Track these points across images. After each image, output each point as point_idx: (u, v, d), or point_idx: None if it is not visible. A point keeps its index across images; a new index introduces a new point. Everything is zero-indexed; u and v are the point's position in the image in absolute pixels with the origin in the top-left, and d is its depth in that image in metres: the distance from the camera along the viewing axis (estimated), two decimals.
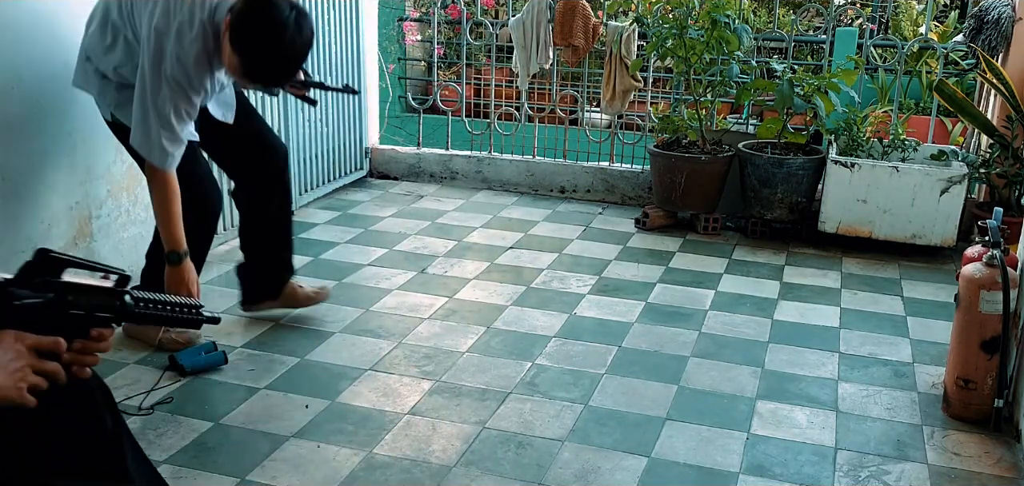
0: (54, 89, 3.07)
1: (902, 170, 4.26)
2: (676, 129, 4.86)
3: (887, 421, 2.77)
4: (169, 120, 2.63)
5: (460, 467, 2.44)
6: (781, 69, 4.71)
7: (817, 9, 6.41)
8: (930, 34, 5.81)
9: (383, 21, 6.24)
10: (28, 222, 3.04)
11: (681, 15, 4.54)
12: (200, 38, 2.61)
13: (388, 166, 5.67)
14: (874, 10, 8.15)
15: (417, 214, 4.86)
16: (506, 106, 5.63)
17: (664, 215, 4.75)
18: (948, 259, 4.37)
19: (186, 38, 2.60)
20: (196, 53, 2.61)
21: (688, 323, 3.47)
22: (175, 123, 2.65)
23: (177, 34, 2.60)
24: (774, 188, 4.46)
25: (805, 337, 3.38)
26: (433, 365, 3.04)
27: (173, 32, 2.60)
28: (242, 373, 2.94)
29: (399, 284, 3.79)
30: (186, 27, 2.61)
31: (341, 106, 5.24)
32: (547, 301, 3.65)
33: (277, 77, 2.72)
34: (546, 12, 5.11)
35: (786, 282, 3.98)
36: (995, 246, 2.67)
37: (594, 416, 2.73)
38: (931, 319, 3.61)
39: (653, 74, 5.39)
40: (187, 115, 2.68)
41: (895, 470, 2.50)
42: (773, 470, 2.48)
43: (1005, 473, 2.50)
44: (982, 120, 4.46)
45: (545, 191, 5.42)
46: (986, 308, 2.67)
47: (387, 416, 2.69)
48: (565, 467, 2.45)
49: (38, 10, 2.98)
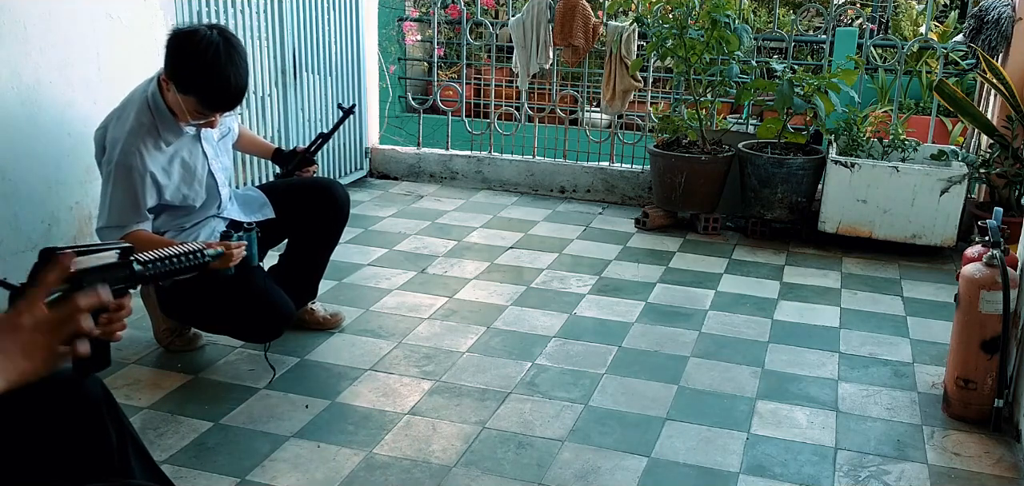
0: (54, 89, 3.07)
1: (902, 170, 4.26)
2: (676, 129, 4.86)
3: (887, 421, 2.77)
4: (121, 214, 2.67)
5: (460, 467, 2.44)
6: (781, 69, 4.72)
7: (817, 9, 6.41)
8: (930, 34, 5.81)
9: (383, 21, 6.25)
10: (28, 222, 3.04)
11: (681, 15, 4.54)
12: (134, 115, 2.68)
13: (388, 166, 5.67)
14: (874, 10, 8.15)
15: (417, 214, 4.87)
16: (506, 106, 5.63)
17: (664, 215, 4.75)
18: (948, 259, 4.37)
19: (122, 122, 2.69)
20: (131, 128, 2.65)
21: (688, 323, 3.47)
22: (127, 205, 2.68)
23: (116, 122, 2.70)
24: (774, 188, 4.46)
25: (805, 337, 3.38)
26: (433, 365, 3.04)
27: (112, 123, 2.71)
28: (242, 373, 2.94)
29: (399, 284, 3.79)
30: (121, 114, 2.71)
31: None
32: (547, 301, 3.65)
33: (234, 88, 2.64)
34: (546, 12, 5.11)
35: (786, 282, 3.98)
36: (995, 246, 2.67)
37: (594, 416, 2.73)
38: (931, 319, 3.61)
39: (653, 74, 5.39)
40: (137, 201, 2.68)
41: (895, 470, 2.50)
42: (773, 470, 2.48)
43: (1005, 473, 2.50)
44: (982, 120, 4.46)
45: (545, 191, 5.42)
46: (986, 308, 2.67)
47: (387, 416, 2.69)
48: (565, 467, 2.45)
49: (37, 10, 2.98)
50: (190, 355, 3.05)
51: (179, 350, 3.06)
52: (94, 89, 3.22)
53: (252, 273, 2.84)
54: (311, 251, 3.23)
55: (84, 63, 3.18)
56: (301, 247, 3.22)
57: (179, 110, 2.68)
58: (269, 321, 2.89)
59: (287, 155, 3.28)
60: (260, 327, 2.90)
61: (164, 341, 3.07)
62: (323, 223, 3.19)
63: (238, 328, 2.95)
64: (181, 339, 3.07)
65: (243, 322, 2.89)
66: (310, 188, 3.19)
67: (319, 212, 3.16)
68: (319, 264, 3.29)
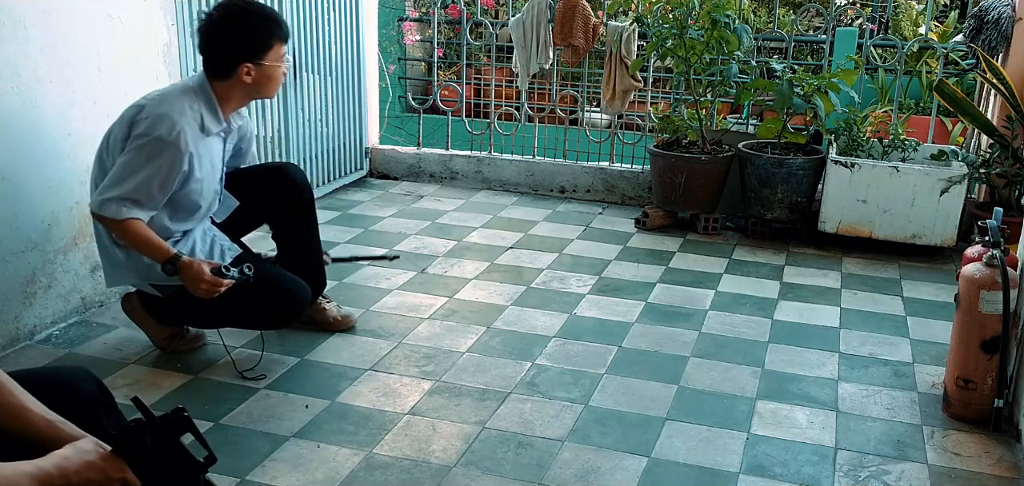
0: (54, 89, 3.07)
1: (902, 170, 4.26)
2: (676, 129, 4.86)
3: (887, 421, 2.77)
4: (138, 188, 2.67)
5: (460, 467, 2.44)
6: (781, 69, 4.71)
7: (817, 9, 6.41)
8: (930, 34, 5.81)
9: (383, 21, 6.25)
10: (28, 222, 3.04)
11: (681, 15, 4.54)
12: (182, 97, 2.74)
13: (388, 166, 5.67)
14: (874, 10, 8.16)
15: (417, 214, 4.87)
16: (506, 106, 5.63)
17: (664, 215, 4.75)
18: (948, 259, 4.37)
19: (166, 102, 2.72)
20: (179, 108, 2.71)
21: (688, 323, 3.47)
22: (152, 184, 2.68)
23: (158, 101, 2.73)
24: (774, 188, 4.46)
25: (805, 337, 3.38)
26: (433, 365, 3.04)
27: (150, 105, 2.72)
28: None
29: (399, 284, 3.79)
30: (161, 98, 2.75)
31: (341, 106, 5.24)
32: (547, 301, 3.65)
33: (273, 25, 2.82)
34: (546, 12, 5.11)
35: (786, 282, 3.98)
36: (995, 246, 2.67)
37: (594, 416, 2.73)
38: (931, 319, 3.61)
39: (653, 74, 5.39)
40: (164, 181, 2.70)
41: (895, 470, 2.50)
42: (773, 470, 2.48)
43: (1005, 473, 2.50)
44: (982, 120, 4.46)
45: (545, 191, 5.42)
46: (986, 308, 2.67)
47: (387, 416, 2.69)
48: (565, 467, 2.45)
49: (37, 10, 2.98)
50: (190, 355, 3.05)
51: (182, 352, 3.06)
52: (94, 89, 3.22)
53: (261, 264, 2.86)
54: (292, 241, 3.20)
55: (84, 63, 3.18)
56: (284, 241, 3.21)
57: (236, 91, 2.80)
58: (284, 306, 2.92)
59: None
60: (276, 313, 2.93)
61: (166, 347, 3.05)
62: (286, 206, 3.15)
63: (253, 318, 2.94)
64: (183, 341, 3.07)
65: (258, 311, 2.90)
66: (264, 173, 3.19)
67: (279, 195, 3.14)
68: (310, 251, 3.23)
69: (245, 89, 2.82)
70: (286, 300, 2.92)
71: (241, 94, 2.84)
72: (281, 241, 3.22)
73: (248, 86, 2.81)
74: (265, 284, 2.84)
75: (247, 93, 2.85)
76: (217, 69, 2.78)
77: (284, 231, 3.20)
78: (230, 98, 2.83)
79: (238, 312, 2.89)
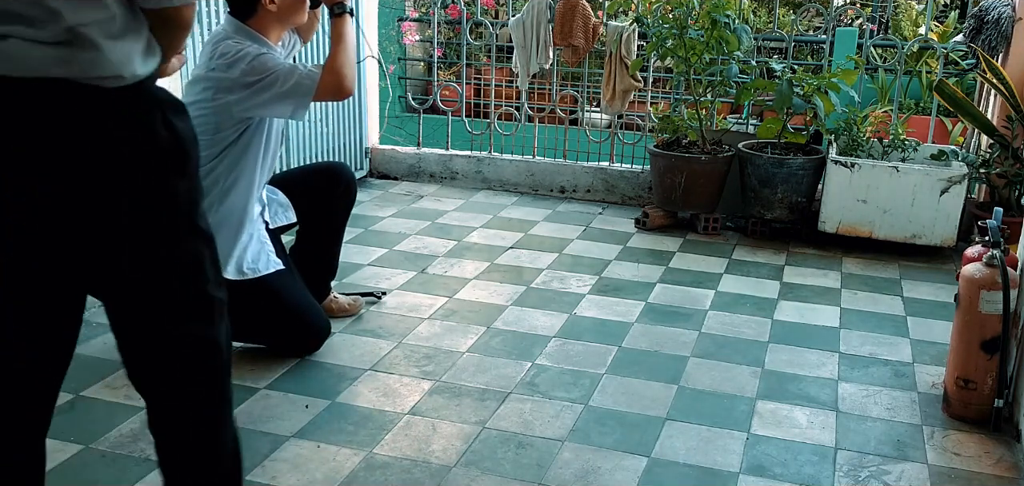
0: None
1: (902, 170, 4.26)
2: (676, 129, 4.86)
3: (887, 421, 2.77)
4: (288, 69, 2.75)
5: (460, 467, 2.44)
6: (781, 69, 4.71)
7: (817, 9, 6.41)
8: (930, 34, 5.81)
9: (383, 21, 6.25)
10: None
11: (681, 15, 4.54)
12: (239, 39, 2.79)
13: (388, 166, 5.67)
14: (874, 10, 8.16)
15: (417, 214, 4.87)
16: (506, 106, 5.63)
17: (664, 215, 4.75)
18: (948, 259, 4.37)
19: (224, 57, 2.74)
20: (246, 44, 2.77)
21: (688, 323, 3.47)
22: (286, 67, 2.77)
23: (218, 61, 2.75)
24: (774, 188, 4.46)
25: (805, 337, 3.38)
26: (433, 365, 3.04)
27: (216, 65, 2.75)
28: (242, 373, 2.93)
29: (399, 284, 3.79)
30: (211, 53, 2.78)
31: (341, 106, 5.24)
32: (547, 301, 3.65)
33: None
34: (546, 12, 5.11)
35: (786, 282, 3.98)
36: (995, 246, 2.67)
37: (594, 416, 2.73)
38: (931, 319, 3.61)
39: (653, 74, 5.39)
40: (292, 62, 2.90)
41: (895, 470, 2.50)
42: (773, 470, 2.48)
43: (1005, 473, 2.50)
44: (982, 120, 4.46)
45: (545, 191, 5.42)
46: (986, 308, 2.67)
47: (387, 416, 2.69)
48: (565, 467, 2.45)
49: None
50: None
51: None
52: None
53: (286, 289, 2.97)
54: (324, 233, 3.34)
55: None
56: (314, 230, 3.32)
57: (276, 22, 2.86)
58: (305, 338, 3.05)
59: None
60: (297, 344, 3.06)
61: None
62: (332, 203, 3.30)
63: (275, 343, 3.07)
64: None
65: (279, 339, 3.05)
66: (317, 173, 3.36)
67: (328, 193, 3.28)
68: (335, 243, 3.40)
69: (277, 18, 2.85)
70: (306, 340, 3.06)
71: (275, 23, 2.86)
72: (310, 230, 3.33)
73: (276, 15, 2.83)
74: (288, 314, 2.98)
75: (280, 21, 2.86)
76: (241, 9, 2.81)
77: (318, 223, 3.31)
78: (267, 32, 2.86)
79: (256, 330, 3.03)
